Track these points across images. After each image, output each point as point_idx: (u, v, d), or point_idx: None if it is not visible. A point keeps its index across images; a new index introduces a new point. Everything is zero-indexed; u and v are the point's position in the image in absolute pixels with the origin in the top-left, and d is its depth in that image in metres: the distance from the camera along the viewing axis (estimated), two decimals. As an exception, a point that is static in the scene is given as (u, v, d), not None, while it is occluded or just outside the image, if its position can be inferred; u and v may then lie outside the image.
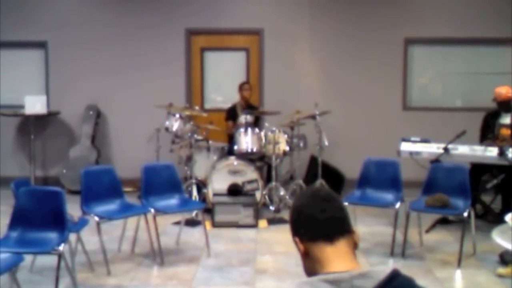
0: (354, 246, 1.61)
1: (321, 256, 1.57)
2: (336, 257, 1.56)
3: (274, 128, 7.28)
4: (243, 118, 7.29)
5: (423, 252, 5.75)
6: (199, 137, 7.47)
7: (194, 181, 7.20)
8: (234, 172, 7.00)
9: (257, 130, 7.26)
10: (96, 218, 5.17)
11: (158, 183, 5.83)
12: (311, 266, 1.60)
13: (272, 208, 7.16)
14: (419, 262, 5.46)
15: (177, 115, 7.39)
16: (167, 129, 7.42)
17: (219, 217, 6.64)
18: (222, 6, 8.84)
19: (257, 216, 6.71)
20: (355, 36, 8.74)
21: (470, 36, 8.66)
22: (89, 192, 5.40)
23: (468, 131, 6.36)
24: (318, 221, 1.60)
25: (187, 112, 7.44)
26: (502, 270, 5.08)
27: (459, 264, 5.31)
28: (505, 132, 6.63)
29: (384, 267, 1.47)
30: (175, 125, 7.35)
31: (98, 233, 5.11)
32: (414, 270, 5.05)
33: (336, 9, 8.76)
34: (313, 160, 8.06)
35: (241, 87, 8.11)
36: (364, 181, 6.05)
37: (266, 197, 7.24)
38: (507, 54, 8.70)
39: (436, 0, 8.73)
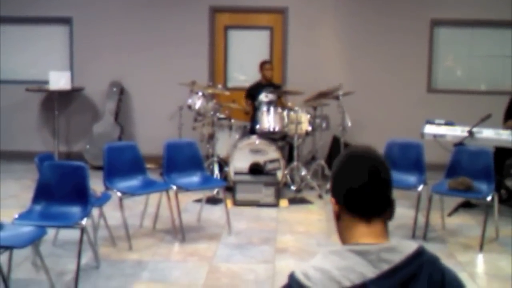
0: (389, 217, 1.54)
1: (353, 229, 1.52)
2: (368, 234, 1.50)
3: (297, 108, 7.24)
4: (264, 96, 7.25)
5: (445, 236, 5.72)
6: (222, 116, 7.47)
7: (215, 159, 7.22)
8: (256, 151, 7.00)
9: (280, 109, 7.23)
10: (119, 194, 5.21)
11: (180, 160, 5.84)
12: (342, 230, 1.56)
13: (293, 188, 7.16)
14: (441, 245, 5.42)
15: (200, 93, 7.38)
16: (189, 107, 7.42)
17: (240, 195, 6.66)
18: (247, -16, 8.79)
19: (278, 195, 6.71)
20: (380, 16, 8.63)
21: (498, 18, 8.51)
22: (112, 167, 5.43)
23: (493, 114, 6.25)
24: (360, 197, 1.50)
25: (210, 90, 7.43)
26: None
27: (481, 248, 5.28)
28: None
29: (411, 243, 1.46)
30: (198, 103, 7.35)
31: (121, 208, 5.15)
32: (436, 254, 5.00)
33: (362, -12, 8.66)
34: (336, 141, 8.03)
35: (262, 66, 8.07)
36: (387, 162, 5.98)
37: (288, 176, 7.23)
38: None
39: (464, -19, 8.59)
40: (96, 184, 5.17)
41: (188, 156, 5.91)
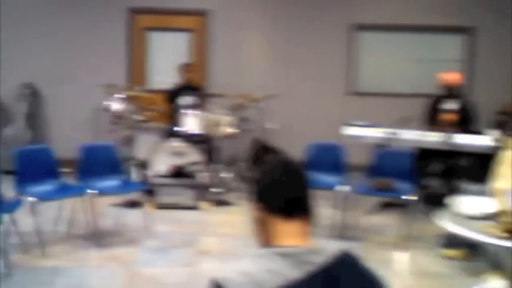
0: (311, 223, 1.62)
1: (277, 230, 1.57)
2: (291, 233, 1.56)
3: (219, 110, 7.16)
4: (184, 99, 7.15)
5: (365, 235, 5.77)
6: (142, 118, 7.28)
7: (135, 162, 7.03)
8: (177, 154, 6.85)
9: (201, 111, 7.13)
10: (32, 199, 4.94)
11: (98, 164, 5.70)
12: (264, 235, 1.61)
13: (215, 190, 7.06)
14: (361, 244, 5.47)
15: (119, 96, 7.17)
16: (108, 109, 7.18)
17: (161, 198, 6.53)
18: (168, -15, 8.64)
19: (200, 198, 6.63)
20: (304, 20, 8.69)
21: (418, 23, 8.74)
22: (24, 172, 5.20)
23: (414, 116, 6.42)
24: (282, 196, 1.59)
25: (129, 93, 7.23)
26: (448, 251, 5.14)
27: (401, 246, 5.37)
28: (450, 117, 6.73)
29: (334, 244, 1.59)
30: (117, 105, 7.13)
31: (34, 214, 4.89)
32: (356, 253, 5.03)
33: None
34: (258, 143, 7.99)
35: (183, 69, 7.92)
36: (309, 164, 6.03)
37: (210, 179, 7.12)
38: (454, 42, 8.88)
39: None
40: (7, 189, 4.89)
41: (106, 159, 5.77)
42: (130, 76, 8.63)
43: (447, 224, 3.55)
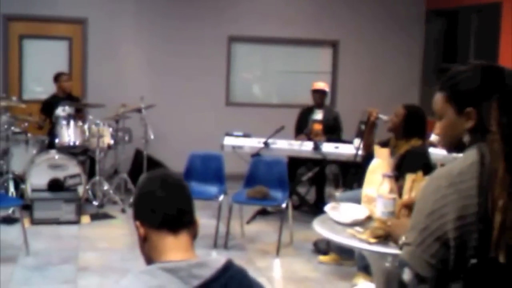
0: (194, 236, 1.64)
1: (161, 245, 1.58)
2: (176, 247, 1.57)
3: (98, 121, 7.12)
4: (61, 110, 7.04)
5: (244, 243, 5.99)
6: (17, 130, 7.09)
7: (10, 176, 6.83)
8: (55, 167, 6.75)
9: (80, 122, 7.05)
10: None
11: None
12: (149, 252, 1.61)
13: (95, 203, 7.00)
14: (241, 252, 5.69)
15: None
16: (-20, 121, 6.93)
17: (38, 213, 6.35)
18: (44, -8, 8.43)
19: (80, 212, 6.53)
20: (181, 30, 8.77)
21: (290, 37, 9.10)
22: None
23: (286, 126, 6.72)
24: (164, 211, 1.59)
25: (3, 103, 7.01)
26: (323, 257, 5.43)
27: (277, 253, 5.61)
28: (317, 127, 7.11)
29: (219, 257, 1.56)
30: (-9, 116, 6.90)
31: None
32: (236, 261, 5.14)
33: (162, 2, 8.74)
34: (138, 154, 8.01)
35: (58, 78, 7.74)
36: (189, 174, 6.14)
37: (89, 192, 7.07)
38: (323, 55, 9.36)
39: (259, 0, 9.06)
40: None
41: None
42: (5, 86, 8.34)
43: (320, 230, 3.57)
